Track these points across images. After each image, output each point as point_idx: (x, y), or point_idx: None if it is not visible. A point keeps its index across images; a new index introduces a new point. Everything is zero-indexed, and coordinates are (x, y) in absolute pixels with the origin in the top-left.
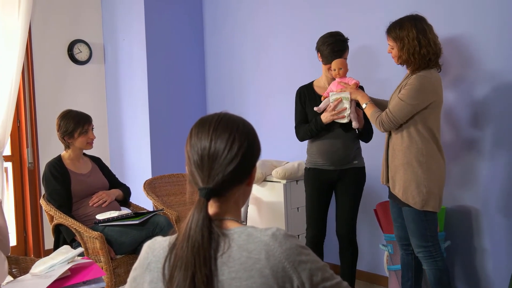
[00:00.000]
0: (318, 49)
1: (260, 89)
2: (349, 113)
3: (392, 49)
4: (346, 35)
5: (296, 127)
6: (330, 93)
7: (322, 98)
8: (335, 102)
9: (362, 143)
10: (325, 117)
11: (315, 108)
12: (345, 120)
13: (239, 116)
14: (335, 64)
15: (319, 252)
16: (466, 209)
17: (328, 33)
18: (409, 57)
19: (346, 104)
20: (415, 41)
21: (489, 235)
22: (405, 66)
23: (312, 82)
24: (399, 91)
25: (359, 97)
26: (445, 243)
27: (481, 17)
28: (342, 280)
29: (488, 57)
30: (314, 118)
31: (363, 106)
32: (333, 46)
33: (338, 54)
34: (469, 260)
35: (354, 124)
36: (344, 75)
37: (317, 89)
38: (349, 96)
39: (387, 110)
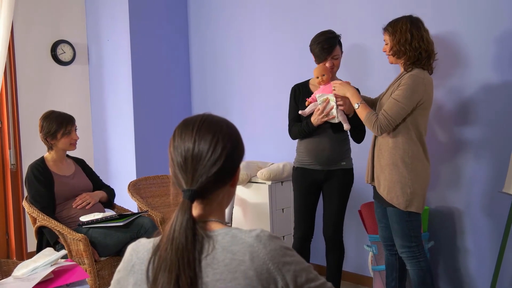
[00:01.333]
0: (310, 49)
1: (244, 90)
2: (337, 113)
3: (386, 44)
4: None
5: (289, 125)
6: (317, 95)
7: (306, 103)
8: (324, 104)
9: (352, 145)
10: (315, 120)
11: (300, 112)
12: (335, 120)
13: (222, 118)
14: (316, 71)
15: (307, 253)
16: (449, 209)
17: (319, 32)
18: (400, 48)
19: (333, 103)
20: (407, 32)
21: (472, 235)
22: (397, 65)
23: (308, 80)
24: (392, 92)
25: (349, 94)
26: (429, 243)
27: (471, 17)
28: (327, 281)
29: (477, 58)
30: (305, 121)
31: (355, 106)
32: (322, 44)
33: (327, 51)
34: (452, 260)
35: (346, 126)
36: (328, 81)
37: (312, 87)
38: (333, 97)
39: (383, 112)
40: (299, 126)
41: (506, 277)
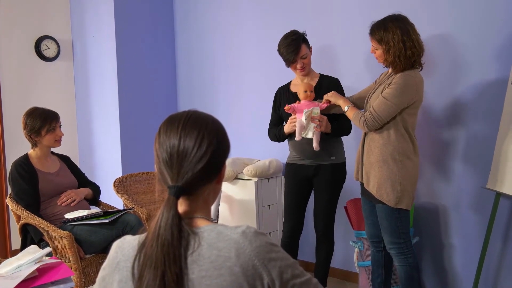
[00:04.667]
0: (279, 53)
1: (231, 87)
2: (313, 131)
3: (376, 50)
4: (316, 31)
5: (268, 129)
6: (304, 111)
7: (285, 109)
8: (308, 120)
9: (343, 138)
10: (286, 128)
11: (296, 139)
12: (309, 136)
13: (208, 114)
14: (305, 86)
15: (294, 248)
16: (435, 205)
17: (284, 35)
18: (395, 60)
19: (315, 115)
20: (400, 43)
21: (457, 231)
22: (374, 62)
23: (290, 81)
24: (383, 89)
25: (341, 102)
26: (414, 239)
27: (460, 19)
28: (312, 277)
29: (465, 59)
30: (279, 127)
31: (345, 109)
32: (288, 48)
33: (294, 53)
34: (437, 255)
35: (315, 146)
36: (312, 97)
37: (293, 87)
38: (318, 111)
39: (370, 109)
40: (274, 130)
41: (489, 272)
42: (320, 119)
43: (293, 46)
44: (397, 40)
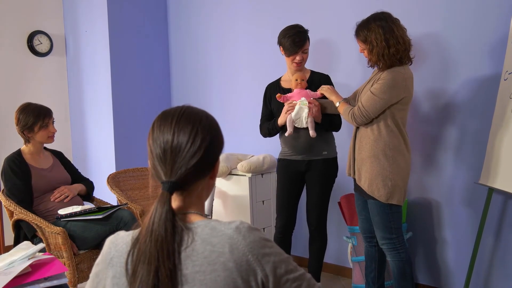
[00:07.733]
0: (280, 42)
1: (224, 83)
2: (307, 119)
3: (364, 49)
4: (309, 28)
5: (260, 125)
6: (295, 103)
7: (277, 97)
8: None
9: (334, 134)
10: (279, 119)
11: (287, 134)
12: (304, 125)
13: (201, 109)
14: (298, 75)
15: (287, 243)
16: (427, 201)
17: (288, 26)
18: (379, 59)
19: (306, 109)
20: (383, 42)
21: (450, 226)
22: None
23: (280, 78)
24: (371, 85)
25: (334, 97)
26: (407, 234)
27: (453, 14)
28: (306, 272)
29: (457, 56)
30: (273, 120)
31: (337, 104)
32: (294, 38)
33: (299, 45)
34: (430, 251)
35: (311, 133)
36: (304, 86)
37: (283, 83)
38: (306, 102)
39: (359, 104)
40: (267, 124)
41: (482, 267)
42: (313, 102)
43: (300, 37)
44: (380, 40)
